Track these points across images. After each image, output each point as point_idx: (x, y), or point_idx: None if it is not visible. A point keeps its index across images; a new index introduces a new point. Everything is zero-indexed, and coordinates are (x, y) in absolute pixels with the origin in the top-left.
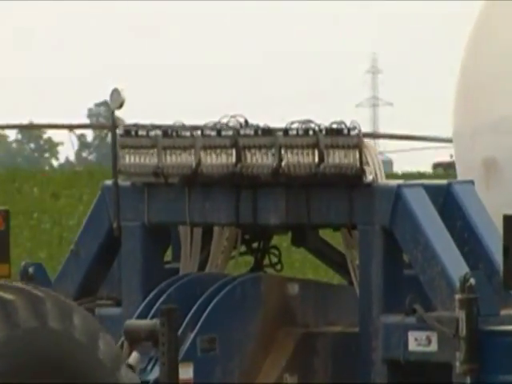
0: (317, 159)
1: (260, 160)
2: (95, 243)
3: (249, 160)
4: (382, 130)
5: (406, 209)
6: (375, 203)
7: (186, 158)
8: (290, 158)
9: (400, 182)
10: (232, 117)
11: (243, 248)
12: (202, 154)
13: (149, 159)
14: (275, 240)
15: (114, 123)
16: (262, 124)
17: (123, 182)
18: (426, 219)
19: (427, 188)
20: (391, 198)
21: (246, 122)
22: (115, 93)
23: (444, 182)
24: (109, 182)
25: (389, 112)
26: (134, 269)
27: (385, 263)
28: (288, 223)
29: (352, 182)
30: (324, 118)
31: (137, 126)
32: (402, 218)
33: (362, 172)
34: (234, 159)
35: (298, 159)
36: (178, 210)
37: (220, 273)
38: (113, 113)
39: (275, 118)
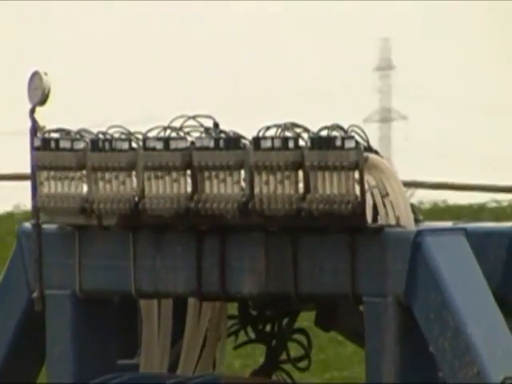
0: (301, 188)
1: (223, 189)
2: (10, 323)
3: (208, 189)
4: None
5: (429, 271)
6: (387, 261)
7: (125, 186)
8: (263, 187)
9: (427, 225)
10: (191, 118)
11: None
12: (146, 178)
13: (75, 187)
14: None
15: (34, 127)
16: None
17: (49, 226)
18: (462, 288)
19: (474, 235)
20: (406, 252)
21: (217, 125)
22: (36, 79)
23: (509, 224)
24: (27, 226)
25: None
26: (63, 366)
27: (402, 359)
28: (269, 292)
29: (352, 225)
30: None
31: (62, 133)
32: (424, 286)
33: (362, 209)
34: (187, 188)
35: (275, 188)
36: (119, 270)
37: (171, 374)
38: (32, 110)
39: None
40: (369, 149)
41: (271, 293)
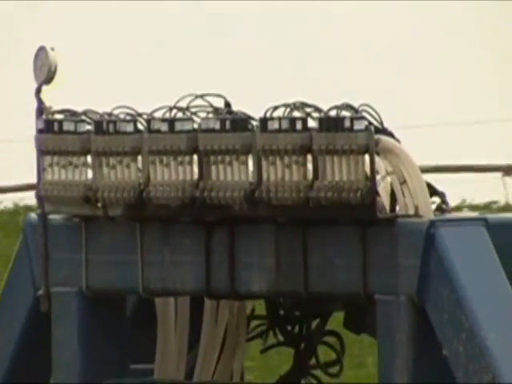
0: (310, 174)
1: (230, 176)
2: (16, 325)
3: (214, 176)
4: None
5: (442, 266)
6: (398, 255)
7: (130, 172)
8: (271, 173)
9: (441, 216)
10: (199, 97)
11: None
12: (151, 163)
13: (79, 174)
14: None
15: (40, 108)
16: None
17: (55, 216)
18: (478, 285)
19: (497, 226)
20: (419, 245)
21: (228, 105)
22: (41, 55)
23: None
24: (33, 217)
25: None
26: (71, 371)
27: (415, 364)
28: (279, 291)
29: (362, 215)
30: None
31: (67, 114)
32: (437, 283)
33: (372, 198)
34: (193, 174)
35: (283, 174)
36: (126, 266)
37: (187, 381)
38: (38, 90)
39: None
40: (382, 130)
41: (281, 291)
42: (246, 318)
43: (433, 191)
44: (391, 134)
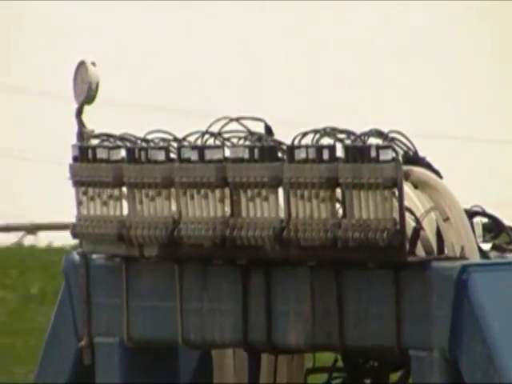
0: (340, 211)
1: (260, 212)
2: (61, 375)
3: (244, 212)
4: None
5: (474, 317)
6: (431, 304)
7: (162, 207)
8: (300, 209)
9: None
10: (235, 120)
11: None
12: (182, 197)
13: (113, 208)
14: None
15: (80, 131)
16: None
17: (97, 256)
18: None
19: None
20: (449, 293)
21: (269, 130)
22: (81, 71)
23: None
24: (75, 257)
25: None
26: None
27: None
28: (315, 344)
29: (389, 258)
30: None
31: (105, 137)
32: (469, 336)
33: (401, 238)
34: (224, 209)
35: (311, 211)
36: (166, 313)
37: None
38: (79, 111)
39: None
40: (417, 160)
41: (317, 345)
42: (303, 372)
43: (499, 226)
44: (428, 165)
